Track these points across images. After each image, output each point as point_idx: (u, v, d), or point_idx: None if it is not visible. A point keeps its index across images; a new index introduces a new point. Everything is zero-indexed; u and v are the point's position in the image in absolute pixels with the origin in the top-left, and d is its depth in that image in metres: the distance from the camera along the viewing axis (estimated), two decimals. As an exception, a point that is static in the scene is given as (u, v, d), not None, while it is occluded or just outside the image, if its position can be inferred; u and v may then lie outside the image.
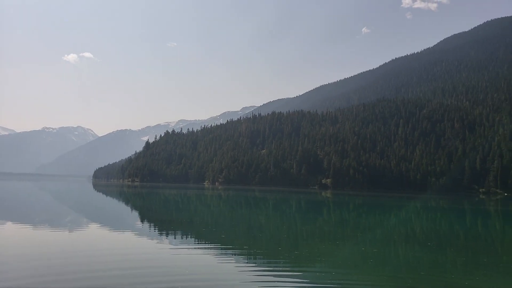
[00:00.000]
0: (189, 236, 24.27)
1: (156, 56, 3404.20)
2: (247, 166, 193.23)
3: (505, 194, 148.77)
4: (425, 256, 19.41)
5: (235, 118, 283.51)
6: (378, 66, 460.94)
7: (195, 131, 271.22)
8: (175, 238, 22.68)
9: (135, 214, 40.46)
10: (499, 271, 16.69)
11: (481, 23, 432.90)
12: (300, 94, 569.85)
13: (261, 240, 23.31)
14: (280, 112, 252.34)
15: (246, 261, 17.25)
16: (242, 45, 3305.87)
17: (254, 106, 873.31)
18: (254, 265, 16.43)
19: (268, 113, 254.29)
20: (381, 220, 39.58)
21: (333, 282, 14.00)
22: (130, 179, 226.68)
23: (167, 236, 23.63)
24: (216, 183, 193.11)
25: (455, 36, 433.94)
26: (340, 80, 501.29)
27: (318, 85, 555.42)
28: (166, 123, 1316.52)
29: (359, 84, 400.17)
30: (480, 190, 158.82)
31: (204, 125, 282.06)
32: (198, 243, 21.44)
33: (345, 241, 24.39)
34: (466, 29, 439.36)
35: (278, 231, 28.14)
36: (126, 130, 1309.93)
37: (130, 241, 21.62)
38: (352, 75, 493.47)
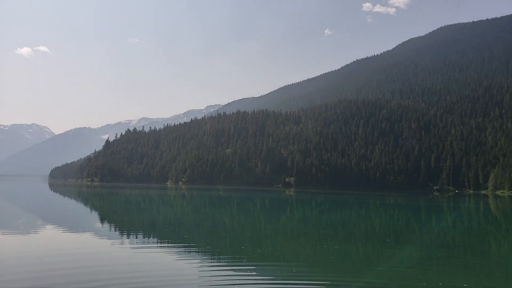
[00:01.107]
0: (151, 237, 23.79)
1: (116, 51, 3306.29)
2: (211, 165, 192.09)
3: (456, 191, 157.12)
4: (384, 252, 20.10)
5: (199, 117, 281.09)
6: (340, 67, 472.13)
7: (157, 129, 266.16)
8: (136, 239, 22.15)
9: (94, 215, 39.15)
10: (451, 264, 17.57)
11: (436, 28, 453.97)
12: (265, 94, 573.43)
13: (224, 240, 23.24)
14: (245, 111, 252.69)
15: (209, 260, 17.14)
16: (206, 43, 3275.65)
17: (219, 104, 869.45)
18: (216, 264, 16.35)
19: (233, 112, 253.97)
20: (342, 217, 40.59)
21: (294, 279, 14.20)
22: (89, 179, 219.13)
23: (128, 237, 23.04)
24: (180, 182, 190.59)
25: (412, 40, 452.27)
26: (303, 80, 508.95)
27: (282, 85, 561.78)
28: (127, 121, 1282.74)
29: (321, 84, 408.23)
30: (434, 187, 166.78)
31: (167, 124, 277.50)
32: (160, 244, 21.04)
33: (307, 238, 24.79)
34: (422, 34, 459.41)
35: (242, 230, 28.17)
36: (85, 128, 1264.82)
37: (88, 243, 20.87)
38: (315, 75, 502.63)
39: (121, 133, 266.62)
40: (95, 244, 20.65)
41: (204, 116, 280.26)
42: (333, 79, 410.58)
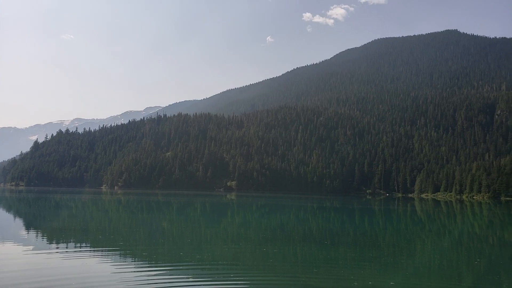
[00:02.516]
0: (83, 244, 22.48)
1: (48, 47, 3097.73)
2: (150, 169, 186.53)
3: (387, 194, 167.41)
4: (321, 254, 20.81)
5: (138, 118, 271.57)
6: (281, 74, 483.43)
7: (92, 131, 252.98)
8: (66, 248, 20.80)
9: (18, 222, 36.14)
10: (381, 264, 18.64)
11: (370, 41, 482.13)
12: (207, 97, 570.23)
13: (162, 246, 22.63)
14: (187, 114, 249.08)
15: (145, 268, 16.57)
16: (147, 43, 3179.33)
17: (159, 106, 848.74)
18: (153, 271, 15.85)
19: (174, 115, 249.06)
20: (281, 221, 41.39)
21: (232, 283, 14.21)
22: (13, 183, 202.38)
23: (57, 245, 21.57)
24: (115, 187, 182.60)
25: (348, 51, 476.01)
26: (246, 85, 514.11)
27: (225, 89, 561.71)
28: (59, 122, 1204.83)
29: (263, 90, 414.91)
30: (367, 191, 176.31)
31: (103, 125, 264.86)
32: (93, 251, 19.95)
33: (247, 242, 24.93)
34: (358, 45, 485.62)
35: (181, 236, 27.64)
36: (10, 128, 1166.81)
37: (11, 252, 19.19)
38: (257, 81, 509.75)
39: (52, 134, 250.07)
40: (17, 253, 19.05)
41: (143, 118, 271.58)
42: (275, 85, 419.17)
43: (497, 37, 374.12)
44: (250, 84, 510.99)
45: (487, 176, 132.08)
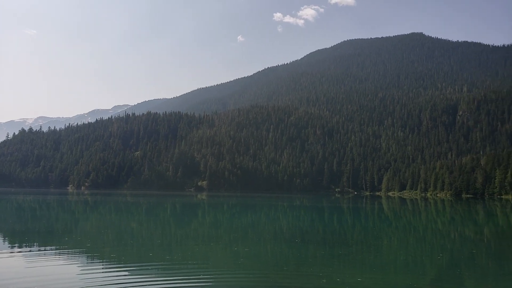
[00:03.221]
0: (48, 247, 21.72)
1: (9, 43, 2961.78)
2: (118, 169, 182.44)
3: (355, 192, 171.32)
4: (291, 252, 21.05)
5: (105, 117, 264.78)
6: (252, 73, 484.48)
7: (57, 129, 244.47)
8: (30, 251, 20.04)
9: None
10: (349, 261, 19.09)
11: (340, 42, 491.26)
12: (178, 96, 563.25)
13: (132, 247, 22.21)
14: (156, 112, 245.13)
15: (113, 269, 16.22)
16: (116, 40, 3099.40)
17: (127, 105, 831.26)
18: (121, 273, 15.54)
19: (143, 113, 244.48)
20: (252, 220, 41.53)
21: (201, 283, 14.16)
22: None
23: (19, 248, 20.73)
24: (82, 187, 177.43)
25: (318, 52, 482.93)
26: (217, 84, 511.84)
27: (195, 88, 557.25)
28: (21, 120, 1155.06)
29: (234, 89, 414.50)
30: (336, 189, 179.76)
31: (69, 124, 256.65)
32: (58, 254, 19.31)
33: (218, 242, 24.87)
34: (328, 46, 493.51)
35: (150, 237, 27.22)
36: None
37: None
38: (229, 80, 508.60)
39: (14, 133, 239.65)
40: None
41: (111, 117, 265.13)
42: (246, 84, 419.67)
43: (459, 41, 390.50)
44: (221, 83, 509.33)
45: (449, 174, 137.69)
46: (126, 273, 15.69)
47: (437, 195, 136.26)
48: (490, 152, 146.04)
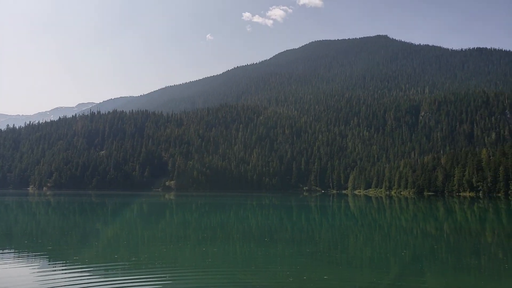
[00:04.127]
0: (6, 250, 20.73)
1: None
2: (82, 168, 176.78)
3: (322, 191, 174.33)
4: (260, 251, 21.14)
5: (69, 115, 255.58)
6: (221, 72, 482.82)
7: (17, 128, 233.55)
8: (-14, 255, 19.02)
9: None
10: (317, 259, 19.40)
11: (308, 43, 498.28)
12: (145, 94, 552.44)
13: (96, 249, 21.58)
14: (122, 111, 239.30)
15: (75, 272, 15.67)
16: (81, 35, 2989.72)
17: (92, 103, 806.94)
18: (84, 275, 15.05)
19: (108, 111, 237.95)
20: (221, 219, 41.37)
21: (168, 284, 13.97)
22: None
23: (-26, 254, 19.64)
24: (44, 188, 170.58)
25: (287, 52, 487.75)
26: (186, 83, 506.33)
27: (163, 86, 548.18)
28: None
29: (203, 88, 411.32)
30: (304, 188, 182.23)
31: (30, 122, 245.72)
32: (16, 258, 18.47)
33: (186, 242, 24.61)
34: (296, 47, 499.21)
35: (116, 238, 26.56)
36: None
37: None
38: (197, 79, 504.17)
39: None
40: None
41: (75, 115, 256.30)
42: (215, 83, 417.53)
43: (421, 44, 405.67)
44: (190, 81, 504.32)
45: (412, 173, 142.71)
46: (89, 275, 15.21)
47: (401, 193, 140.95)
48: (450, 152, 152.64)
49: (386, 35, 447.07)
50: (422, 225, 37.91)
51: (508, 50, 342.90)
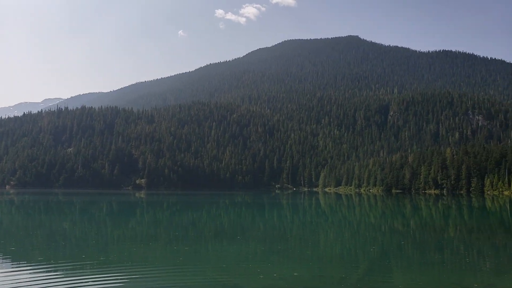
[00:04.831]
0: (-35, 252, 19.78)
1: None
2: (49, 166, 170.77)
3: (294, 188, 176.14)
4: (231, 249, 21.16)
5: (34, 111, 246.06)
6: (194, 69, 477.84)
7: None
8: None
9: None
10: (288, 256, 19.63)
11: (281, 41, 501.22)
12: (114, 90, 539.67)
13: (63, 249, 20.96)
14: (91, 107, 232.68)
15: (40, 273, 15.15)
16: (48, 27, 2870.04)
17: (59, 98, 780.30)
18: (50, 277, 14.58)
19: (76, 107, 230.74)
20: (193, 218, 41.08)
21: (137, 283, 13.78)
22: None
23: None
24: (7, 186, 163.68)
25: (260, 50, 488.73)
26: (157, 79, 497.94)
27: (134, 82, 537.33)
28: None
29: (175, 85, 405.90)
30: (276, 185, 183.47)
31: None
32: (-22, 260, 17.66)
33: (157, 241, 24.30)
34: (269, 45, 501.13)
35: (84, 237, 25.89)
36: None
37: None
38: (169, 75, 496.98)
39: None
40: None
41: (41, 111, 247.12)
42: (187, 80, 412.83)
43: (391, 45, 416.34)
44: (162, 78, 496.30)
45: (381, 171, 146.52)
46: (54, 274, 14.75)
47: (370, 190, 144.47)
48: (417, 150, 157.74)
49: (358, 36, 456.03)
50: (390, 222, 39.05)
51: (471, 53, 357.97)
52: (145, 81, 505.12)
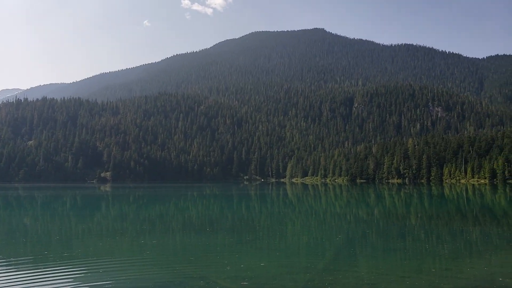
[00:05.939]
0: None
1: None
2: (8, 159, 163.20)
3: (262, 180, 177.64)
4: (200, 242, 21.14)
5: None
6: (160, 60, 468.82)
7: None
8: None
9: None
10: (255, 247, 19.87)
11: (248, 33, 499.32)
12: (78, 80, 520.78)
13: (24, 246, 20.19)
14: (53, 98, 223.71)
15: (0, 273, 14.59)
16: (5, 15, 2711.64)
17: (18, 89, 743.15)
18: (11, 275, 14.07)
19: (37, 99, 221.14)
20: (160, 211, 40.60)
21: (102, 279, 13.55)
22: None
23: None
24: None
25: (227, 42, 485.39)
26: (122, 70, 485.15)
27: (97, 73, 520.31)
28: None
29: (141, 76, 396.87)
30: (245, 177, 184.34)
31: None
32: None
33: (124, 235, 23.88)
34: (236, 37, 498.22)
35: (47, 233, 25.05)
36: None
37: None
38: (134, 66, 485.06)
39: None
40: None
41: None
42: (153, 71, 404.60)
43: (355, 38, 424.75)
44: (127, 68, 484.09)
45: (346, 161, 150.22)
46: (14, 275, 14.23)
47: (336, 180, 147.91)
48: (380, 141, 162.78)
49: (323, 29, 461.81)
50: (355, 211, 40.23)
51: (431, 47, 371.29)
52: (109, 72, 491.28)
